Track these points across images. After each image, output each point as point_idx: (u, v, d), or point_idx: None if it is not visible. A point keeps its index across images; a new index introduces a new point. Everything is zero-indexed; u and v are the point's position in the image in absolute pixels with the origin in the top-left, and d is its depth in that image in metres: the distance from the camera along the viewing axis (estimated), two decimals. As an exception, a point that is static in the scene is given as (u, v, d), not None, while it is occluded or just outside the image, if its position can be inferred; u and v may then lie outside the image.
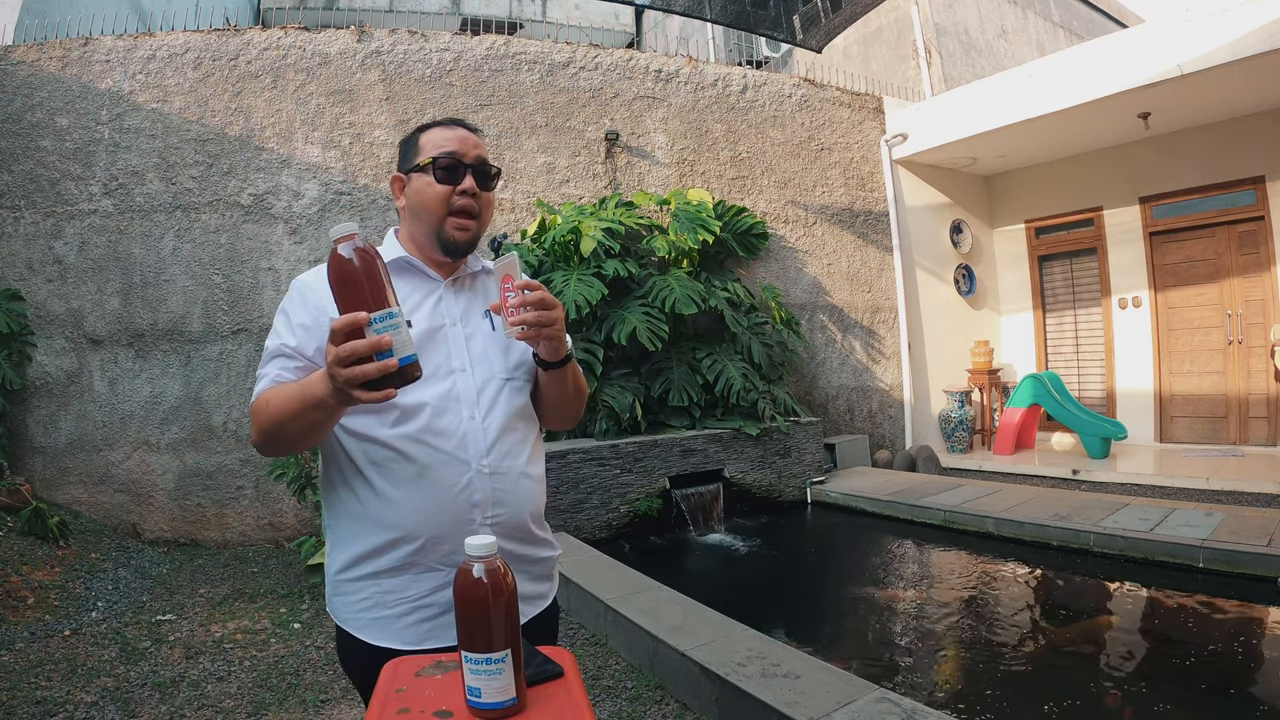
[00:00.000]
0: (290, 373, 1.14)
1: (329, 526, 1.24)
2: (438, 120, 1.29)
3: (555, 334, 1.17)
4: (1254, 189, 6.24)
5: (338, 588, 1.22)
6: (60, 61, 5.10)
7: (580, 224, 5.24)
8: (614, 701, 2.62)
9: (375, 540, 1.16)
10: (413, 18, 9.21)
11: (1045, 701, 2.51)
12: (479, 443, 1.18)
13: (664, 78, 6.37)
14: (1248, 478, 5.16)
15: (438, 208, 1.22)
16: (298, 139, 5.33)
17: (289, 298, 1.21)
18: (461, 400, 1.19)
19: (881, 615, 3.52)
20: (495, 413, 1.22)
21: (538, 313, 1.13)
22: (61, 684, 2.81)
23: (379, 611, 1.17)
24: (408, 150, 1.28)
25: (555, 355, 1.23)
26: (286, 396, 1.06)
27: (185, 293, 5.12)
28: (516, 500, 1.21)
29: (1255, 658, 2.82)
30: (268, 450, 1.14)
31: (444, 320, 1.24)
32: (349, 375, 0.89)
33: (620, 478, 4.82)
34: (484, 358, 1.25)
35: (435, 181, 1.22)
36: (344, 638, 1.21)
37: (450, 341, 1.23)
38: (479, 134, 1.29)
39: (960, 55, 8.68)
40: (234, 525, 5.07)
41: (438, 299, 1.25)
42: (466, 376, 1.21)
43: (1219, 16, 4.94)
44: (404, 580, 1.16)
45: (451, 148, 1.23)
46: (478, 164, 1.25)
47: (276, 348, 1.17)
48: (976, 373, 7.38)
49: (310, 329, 1.16)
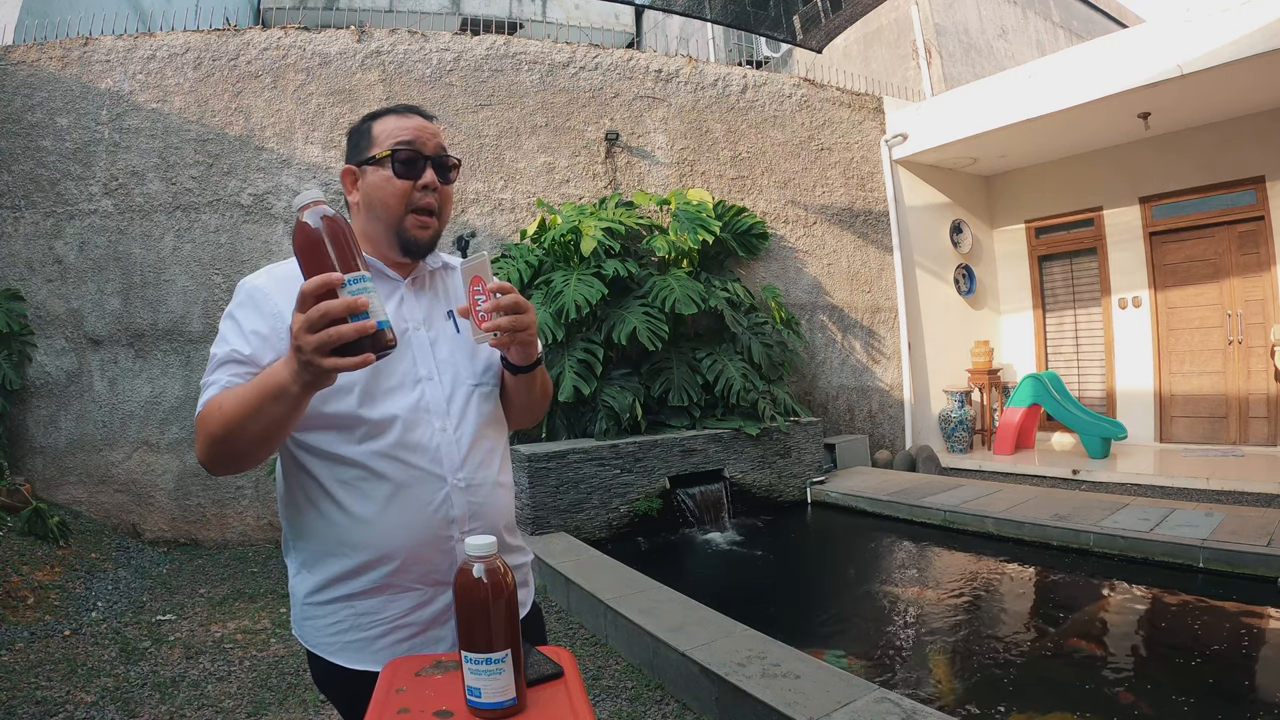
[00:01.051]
0: (242, 379, 1.02)
1: (293, 548, 1.16)
2: (390, 107, 1.18)
3: (528, 339, 1.12)
4: (1254, 189, 6.24)
5: (306, 612, 1.13)
6: (60, 61, 5.10)
7: (580, 224, 5.24)
8: (614, 701, 2.62)
9: (349, 562, 1.08)
10: (413, 18, 9.20)
11: (1045, 701, 2.51)
12: (453, 456, 1.12)
13: (664, 78, 6.37)
14: (1248, 478, 5.16)
15: (397, 205, 1.13)
16: (298, 139, 5.33)
17: (237, 303, 1.10)
18: (432, 411, 1.13)
19: (882, 615, 3.52)
20: (466, 422, 1.16)
21: (512, 317, 1.06)
22: (61, 684, 2.80)
23: (354, 635, 1.10)
24: (359, 140, 1.18)
25: (526, 360, 1.17)
26: (241, 394, 0.95)
27: (185, 293, 5.12)
28: (492, 512, 1.16)
29: (1255, 658, 2.82)
30: (217, 464, 1.00)
31: (406, 324, 1.15)
32: (322, 339, 0.81)
33: (620, 478, 4.82)
34: (450, 363, 1.18)
35: (394, 176, 1.12)
36: (317, 662, 1.14)
37: (415, 347, 1.15)
38: (434, 120, 1.19)
39: (960, 55, 8.68)
40: (234, 525, 5.07)
41: (399, 300, 1.17)
42: (434, 385, 1.15)
43: (1219, 16, 4.94)
44: (380, 601, 1.09)
45: (409, 137, 1.13)
46: (437, 155, 1.15)
47: (227, 354, 1.05)
48: (976, 373, 7.38)
49: (266, 337, 1.05)
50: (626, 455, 4.86)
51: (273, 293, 1.09)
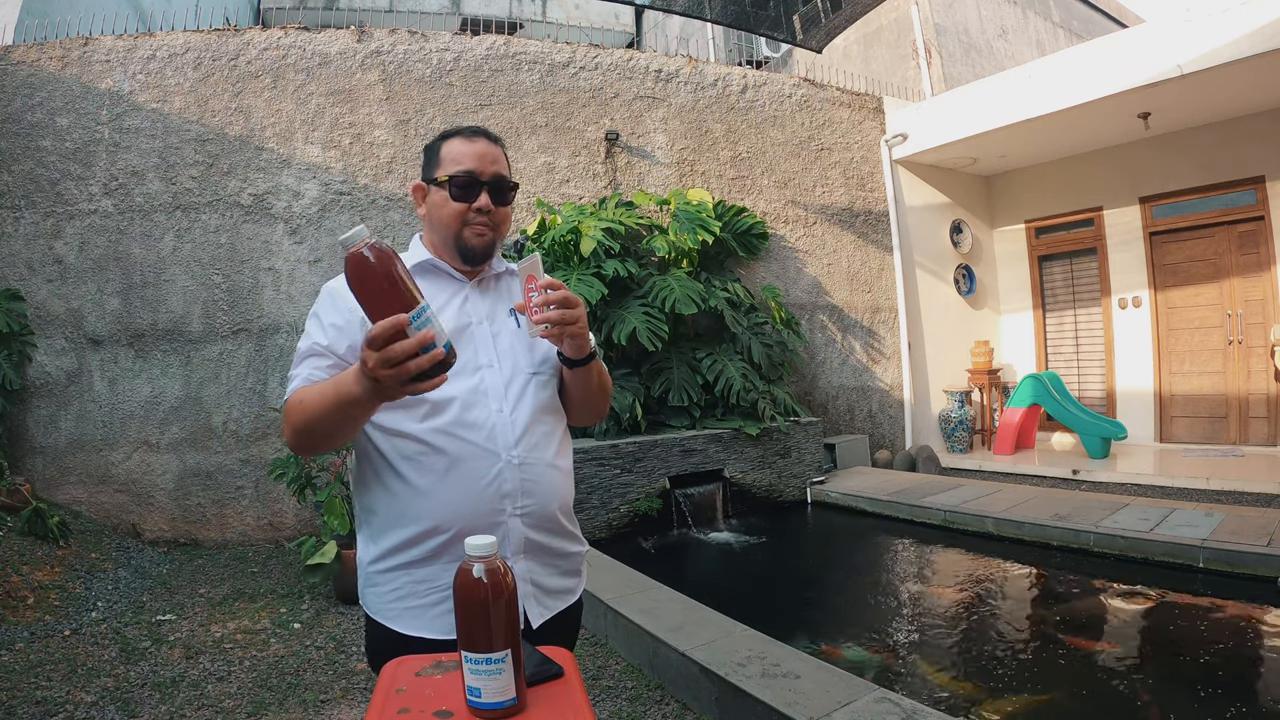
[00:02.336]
0: (322, 371, 1.18)
1: (361, 521, 1.28)
2: (461, 129, 1.31)
3: (578, 332, 1.21)
4: (1254, 189, 6.24)
5: (370, 579, 1.25)
6: (60, 61, 5.10)
7: (580, 224, 5.24)
8: (614, 701, 2.62)
9: (408, 532, 1.19)
10: (413, 18, 9.20)
11: (1045, 701, 2.51)
12: (508, 434, 1.22)
13: (664, 78, 6.37)
14: (1248, 478, 5.16)
15: (453, 223, 1.27)
16: (298, 139, 5.33)
17: (320, 302, 1.26)
18: (490, 394, 1.23)
19: (881, 615, 3.52)
20: (523, 406, 1.26)
21: (561, 311, 1.16)
22: (61, 684, 2.80)
23: (412, 601, 1.20)
24: (430, 158, 1.31)
25: (579, 353, 1.26)
26: (321, 394, 1.08)
27: (185, 293, 5.12)
28: (545, 491, 1.25)
29: (1255, 657, 2.82)
30: (302, 448, 1.17)
31: (470, 319, 1.28)
32: (400, 373, 0.92)
33: (620, 478, 4.82)
34: (510, 353, 1.28)
35: (450, 199, 1.26)
36: (375, 630, 1.24)
37: (477, 338, 1.27)
38: (500, 144, 1.32)
39: (960, 55, 8.68)
40: (234, 525, 5.07)
41: (464, 298, 1.30)
42: (494, 371, 1.25)
43: (1219, 16, 4.94)
44: (435, 569, 1.19)
45: (469, 165, 1.26)
46: (494, 180, 1.28)
47: (309, 347, 1.21)
48: (976, 373, 7.38)
49: (342, 329, 1.21)
50: (626, 455, 4.86)
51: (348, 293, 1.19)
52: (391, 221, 5.45)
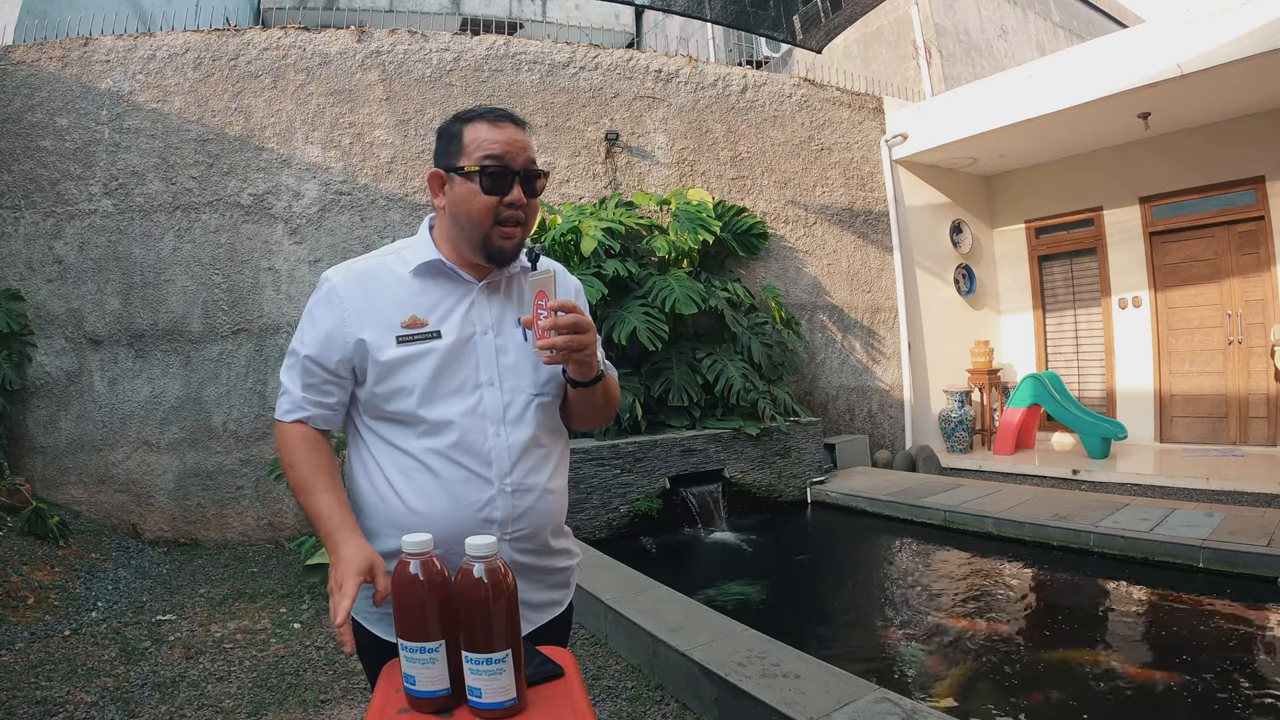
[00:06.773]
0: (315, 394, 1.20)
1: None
2: (483, 111, 1.18)
3: (586, 358, 1.14)
4: (1254, 189, 6.24)
5: None
6: (60, 61, 5.09)
7: (580, 224, 5.24)
8: (614, 701, 2.62)
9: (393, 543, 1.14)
10: (413, 18, 9.21)
11: (1045, 701, 2.51)
12: (503, 461, 1.17)
13: (664, 78, 6.37)
14: (1248, 478, 5.16)
15: (483, 219, 1.16)
16: (298, 139, 5.33)
17: (318, 298, 1.20)
18: (488, 417, 1.17)
19: (881, 615, 3.52)
20: (521, 429, 1.20)
21: (568, 338, 1.10)
22: (61, 684, 2.80)
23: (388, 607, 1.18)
24: (448, 143, 1.19)
25: (585, 377, 1.20)
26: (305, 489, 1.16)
27: (185, 293, 5.12)
28: (536, 517, 1.21)
29: (1255, 657, 2.82)
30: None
31: (474, 328, 1.20)
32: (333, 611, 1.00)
33: (620, 478, 4.82)
34: (513, 371, 1.21)
35: (481, 191, 1.15)
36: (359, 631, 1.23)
37: (480, 351, 1.19)
38: (526, 128, 1.21)
39: (960, 55, 8.68)
40: (234, 525, 5.07)
41: (470, 304, 1.21)
42: (494, 391, 1.19)
43: (1219, 16, 4.94)
44: None
45: (499, 151, 1.14)
46: (526, 169, 1.17)
47: (300, 357, 1.20)
48: (976, 373, 7.38)
49: (332, 337, 1.18)
50: (626, 455, 4.86)
51: (346, 298, 1.18)
52: (391, 221, 5.45)
